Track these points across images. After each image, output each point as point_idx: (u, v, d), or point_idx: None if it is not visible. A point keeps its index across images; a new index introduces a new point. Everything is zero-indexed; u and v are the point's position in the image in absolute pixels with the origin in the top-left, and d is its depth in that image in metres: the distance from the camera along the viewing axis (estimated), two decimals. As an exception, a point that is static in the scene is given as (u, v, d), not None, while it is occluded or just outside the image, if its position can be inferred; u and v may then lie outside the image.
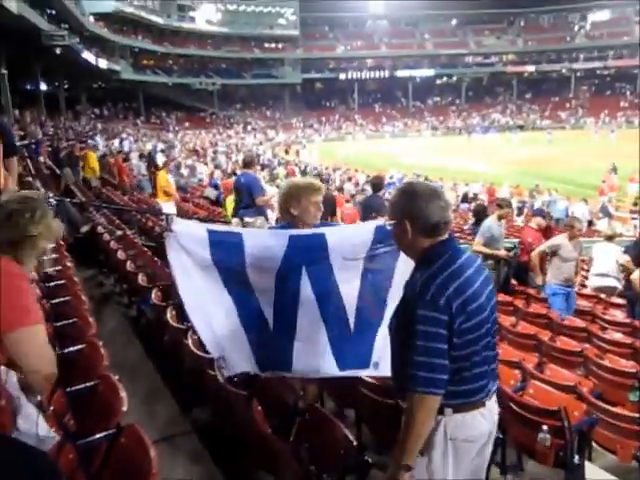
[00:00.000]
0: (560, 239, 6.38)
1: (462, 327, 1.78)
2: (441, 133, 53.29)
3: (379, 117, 58.67)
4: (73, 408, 2.50)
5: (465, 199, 19.26)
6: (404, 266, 2.51)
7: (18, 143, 16.29)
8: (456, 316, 1.77)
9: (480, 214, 10.77)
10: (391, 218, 1.98)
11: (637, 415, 3.34)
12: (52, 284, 4.51)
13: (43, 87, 33.27)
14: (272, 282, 2.54)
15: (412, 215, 1.88)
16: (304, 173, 22.62)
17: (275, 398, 2.79)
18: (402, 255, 2.59)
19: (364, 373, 2.83)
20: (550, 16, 62.51)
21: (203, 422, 3.30)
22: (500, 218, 6.69)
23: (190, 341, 3.36)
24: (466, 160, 30.63)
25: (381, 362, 2.64)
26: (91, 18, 37.31)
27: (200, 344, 3.35)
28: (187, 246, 2.44)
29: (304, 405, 2.68)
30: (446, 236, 1.92)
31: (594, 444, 3.46)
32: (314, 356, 2.62)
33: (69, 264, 5.33)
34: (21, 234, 1.86)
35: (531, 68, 60.96)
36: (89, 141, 23.35)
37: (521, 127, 50.80)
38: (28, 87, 34.88)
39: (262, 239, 2.59)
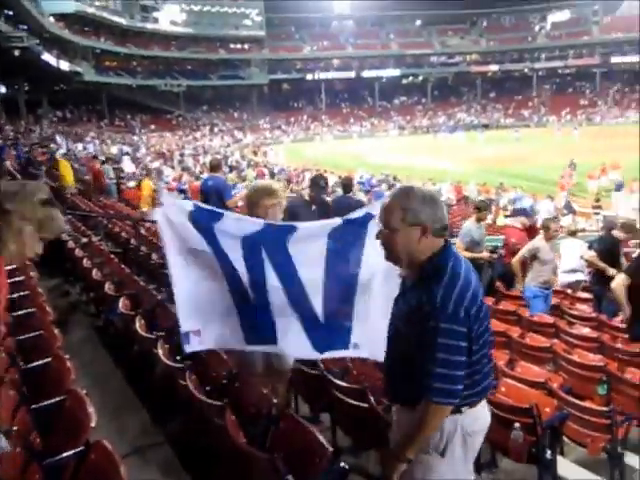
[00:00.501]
0: (538, 242, 6.23)
1: (477, 333, 1.81)
2: (408, 132, 53.87)
3: (346, 117, 58.91)
4: (39, 426, 2.41)
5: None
6: (371, 256, 2.60)
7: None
8: (473, 324, 1.79)
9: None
10: (390, 225, 1.86)
11: (605, 409, 3.41)
12: (15, 295, 4.34)
13: (2, 90, 32.37)
14: (242, 260, 2.63)
15: (421, 221, 1.81)
16: (273, 175, 22.53)
17: (248, 407, 2.75)
18: (368, 248, 2.62)
19: (345, 354, 2.94)
20: (511, 17, 64.04)
21: (175, 433, 3.23)
22: (479, 220, 6.55)
23: (160, 351, 3.29)
24: (433, 159, 30.96)
25: (361, 344, 2.76)
26: (51, 19, 36.45)
27: (171, 353, 3.30)
28: (174, 219, 2.55)
29: (277, 412, 2.65)
30: (443, 241, 1.89)
31: (565, 439, 3.52)
32: (293, 336, 2.70)
33: (33, 274, 5.17)
34: None
35: (494, 68, 62.15)
36: (51, 145, 22.74)
37: (486, 126, 51.68)
38: (-15, 91, 33.96)
39: (240, 221, 2.70)
